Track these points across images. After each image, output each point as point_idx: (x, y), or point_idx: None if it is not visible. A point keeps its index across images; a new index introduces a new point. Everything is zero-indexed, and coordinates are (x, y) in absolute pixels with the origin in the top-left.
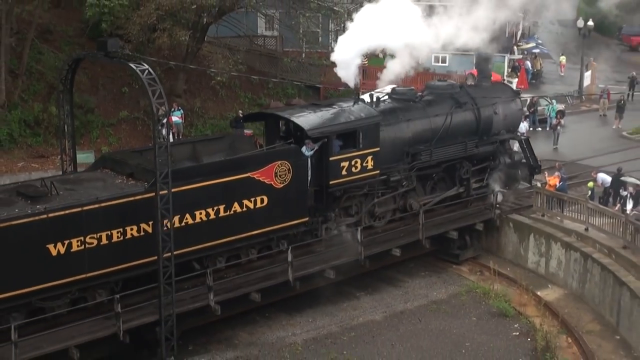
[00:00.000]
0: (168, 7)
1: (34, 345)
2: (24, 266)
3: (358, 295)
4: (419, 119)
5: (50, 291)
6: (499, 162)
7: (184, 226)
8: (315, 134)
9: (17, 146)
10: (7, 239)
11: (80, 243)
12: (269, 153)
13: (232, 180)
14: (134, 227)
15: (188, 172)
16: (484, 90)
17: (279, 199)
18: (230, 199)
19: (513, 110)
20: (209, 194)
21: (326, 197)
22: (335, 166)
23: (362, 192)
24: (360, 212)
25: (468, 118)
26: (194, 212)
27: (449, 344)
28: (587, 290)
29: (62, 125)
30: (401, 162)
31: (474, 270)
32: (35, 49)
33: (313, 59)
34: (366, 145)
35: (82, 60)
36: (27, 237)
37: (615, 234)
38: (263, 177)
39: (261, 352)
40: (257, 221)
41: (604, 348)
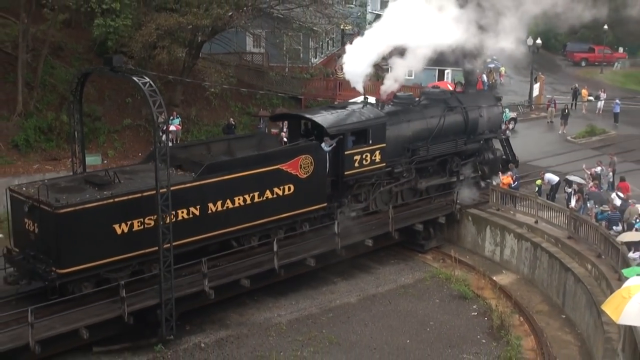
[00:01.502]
0: (167, 27)
1: (48, 327)
2: (94, 243)
3: (335, 280)
4: (417, 120)
5: (116, 264)
6: (484, 157)
7: (225, 210)
8: (333, 131)
9: (32, 150)
10: (81, 219)
11: (140, 223)
12: (295, 148)
13: (264, 171)
14: (184, 210)
15: (229, 164)
16: (471, 97)
17: (303, 187)
18: (263, 187)
19: (495, 113)
20: (246, 182)
21: (341, 185)
22: (349, 159)
23: (370, 182)
24: (369, 199)
25: (458, 120)
26: (234, 197)
27: (416, 323)
28: (537, 275)
29: (72, 132)
30: (403, 157)
31: (437, 258)
32: (49, 64)
33: (295, 73)
34: (375, 141)
35: (90, 74)
36: (96, 218)
37: (561, 226)
38: (290, 168)
39: (250, 331)
40: (284, 206)
41: (552, 326)
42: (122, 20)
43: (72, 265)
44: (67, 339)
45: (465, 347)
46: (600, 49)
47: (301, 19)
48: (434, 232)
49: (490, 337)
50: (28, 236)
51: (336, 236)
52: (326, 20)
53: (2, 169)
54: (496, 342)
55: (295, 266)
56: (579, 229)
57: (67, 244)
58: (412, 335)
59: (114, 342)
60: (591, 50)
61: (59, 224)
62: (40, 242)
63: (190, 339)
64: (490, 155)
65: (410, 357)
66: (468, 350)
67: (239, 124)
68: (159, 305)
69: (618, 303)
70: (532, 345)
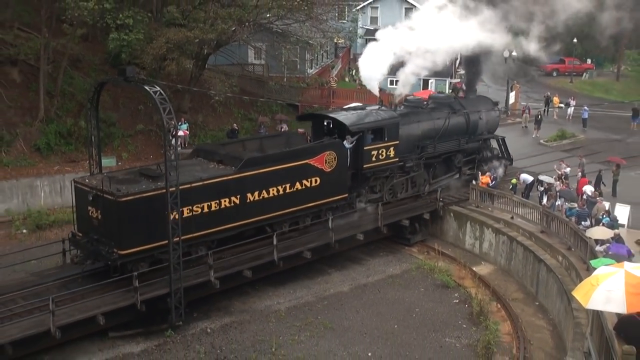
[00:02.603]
0: (175, 41)
1: (68, 314)
2: (150, 228)
3: (329, 271)
4: (425, 121)
5: (168, 247)
6: (483, 155)
7: (261, 199)
8: (354, 128)
9: (53, 153)
10: (138, 208)
11: (189, 211)
12: (321, 145)
13: (295, 165)
14: (227, 199)
15: (265, 159)
16: (472, 101)
17: (327, 180)
18: (293, 180)
19: (493, 116)
20: (279, 175)
21: (360, 177)
22: (368, 154)
23: (385, 175)
24: (383, 190)
25: (460, 121)
26: (269, 188)
27: (402, 310)
28: (513, 266)
29: (90, 136)
30: (413, 153)
31: (422, 251)
32: (68, 74)
33: (293, 83)
34: (390, 138)
35: (106, 83)
36: (152, 207)
37: (534, 221)
38: (317, 163)
39: (252, 317)
40: (311, 196)
41: (526, 312)
42: (135, 35)
43: (131, 247)
44: (85, 325)
45: (447, 331)
46: (570, 61)
47: (298, 34)
48: (419, 227)
49: (471, 322)
50: (91, 222)
51: (330, 231)
52: (321, 34)
53: (25, 170)
54: (476, 327)
55: (293, 258)
56: (551, 224)
57: (127, 228)
58: (400, 321)
59: (128, 328)
60: (562, 62)
61: (121, 211)
62: (103, 226)
63: (197, 325)
64: (488, 153)
65: (398, 340)
66: (450, 334)
67: (242, 129)
68: (169, 294)
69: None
70: (508, 330)
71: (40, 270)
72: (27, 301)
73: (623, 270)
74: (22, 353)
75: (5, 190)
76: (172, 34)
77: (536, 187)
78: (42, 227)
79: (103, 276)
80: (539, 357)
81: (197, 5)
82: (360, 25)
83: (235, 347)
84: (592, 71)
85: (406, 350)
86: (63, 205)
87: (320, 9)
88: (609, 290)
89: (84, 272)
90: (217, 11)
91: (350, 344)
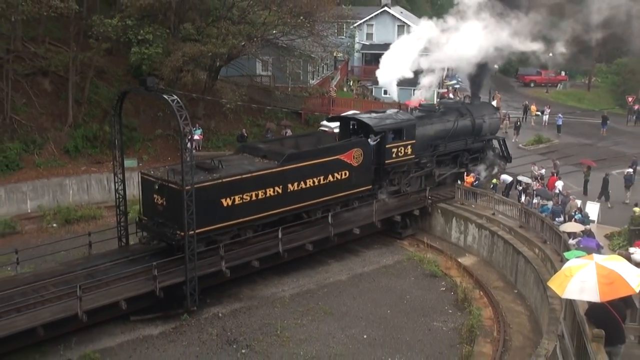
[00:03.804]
0: (191, 55)
1: (94, 300)
2: (207, 213)
3: (329, 262)
4: (438, 123)
5: (222, 229)
6: (486, 154)
7: (300, 189)
8: (377, 128)
9: (80, 155)
10: (197, 195)
11: (239, 199)
12: (350, 142)
13: (328, 160)
14: (270, 189)
15: (304, 155)
16: (476, 107)
17: (355, 173)
18: (326, 172)
19: (494, 120)
20: (315, 168)
21: (382, 172)
22: (389, 151)
23: (403, 170)
24: (401, 183)
25: (467, 124)
26: (306, 180)
27: (395, 297)
28: (494, 258)
29: (113, 140)
30: (427, 151)
31: (413, 243)
32: (94, 84)
33: (296, 92)
34: (407, 138)
35: (128, 92)
36: (208, 194)
37: (513, 217)
38: (346, 158)
39: (259, 303)
40: (341, 187)
41: (506, 299)
42: (155, 49)
43: (192, 229)
44: (109, 310)
45: (435, 316)
46: (546, 73)
47: (301, 48)
48: (410, 223)
49: (456, 308)
50: (156, 208)
51: (330, 226)
52: (322, 48)
53: (55, 170)
54: (460, 312)
55: (297, 250)
56: (529, 219)
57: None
58: (392, 307)
59: (147, 313)
60: (539, 74)
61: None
62: (167, 212)
63: (210, 310)
64: (491, 152)
65: (391, 324)
66: (438, 318)
67: (250, 134)
68: (185, 282)
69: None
70: (490, 315)
71: (68, 260)
72: (57, 288)
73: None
74: (52, 335)
75: (37, 188)
76: (187, 48)
77: (515, 186)
78: (70, 221)
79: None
80: (517, 340)
81: (210, 22)
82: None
83: (244, 330)
84: (566, 82)
85: (398, 333)
86: (89, 202)
87: (321, 26)
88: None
89: (150, 250)
90: (228, 28)
91: (347, 327)
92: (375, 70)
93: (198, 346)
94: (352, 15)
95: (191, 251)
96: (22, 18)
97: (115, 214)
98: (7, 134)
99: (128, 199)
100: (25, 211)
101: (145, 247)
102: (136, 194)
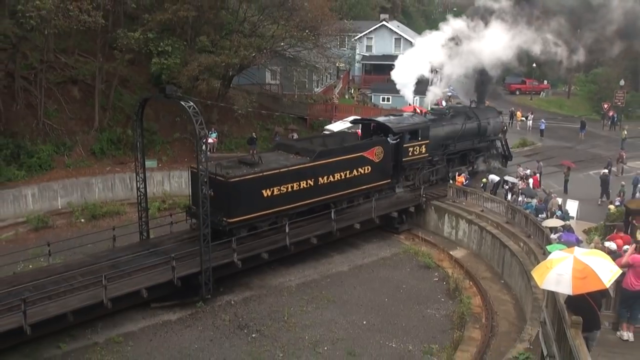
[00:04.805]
0: (206, 65)
1: (118, 288)
2: (250, 202)
3: (332, 254)
4: (448, 125)
5: (262, 217)
6: (490, 153)
7: (328, 182)
8: (397, 130)
9: (105, 156)
10: (241, 187)
11: (277, 190)
12: (372, 141)
13: (353, 157)
14: (304, 182)
15: (333, 152)
16: (482, 111)
17: (376, 168)
18: (351, 167)
19: (497, 122)
20: (342, 164)
21: (399, 168)
22: (406, 150)
23: (417, 167)
24: (415, 178)
25: (474, 126)
26: (334, 174)
27: (392, 286)
28: (483, 251)
29: (135, 142)
30: (439, 150)
31: (408, 238)
32: (118, 92)
33: (302, 99)
34: (422, 138)
35: (149, 99)
36: (251, 186)
37: (500, 213)
38: (369, 155)
39: (268, 292)
40: (364, 181)
41: (493, 288)
42: (173, 60)
43: (237, 216)
44: (131, 298)
45: (429, 304)
46: (530, 82)
47: (307, 59)
48: (406, 218)
49: (448, 296)
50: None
51: (333, 221)
52: (325, 59)
53: (83, 170)
54: (452, 300)
55: (302, 243)
56: (514, 216)
57: (234, 203)
58: (389, 295)
59: (166, 300)
60: (523, 83)
61: (230, 189)
62: (215, 201)
63: (223, 298)
64: (494, 151)
65: (388, 311)
66: (431, 306)
67: (260, 137)
68: (200, 272)
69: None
70: (478, 303)
71: (94, 252)
72: (84, 277)
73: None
74: (80, 320)
75: (67, 186)
76: (203, 59)
77: (502, 185)
78: (96, 216)
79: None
80: (504, 326)
81: (223, 35)
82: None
83: (254, 316)
84: (548, 90)
85: (395, 319)
86: (113, 199)
87: (324, 39)
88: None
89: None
90: (240, 40)
91: (348, 314)
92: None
93: (212, 331)
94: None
95: (205, 244)
96: (54, 32)
97: (137, 210)
98: (41, 137)
99: (148, 197)
100: (56, 208)
101: (164, 240)
102: (156, 192)
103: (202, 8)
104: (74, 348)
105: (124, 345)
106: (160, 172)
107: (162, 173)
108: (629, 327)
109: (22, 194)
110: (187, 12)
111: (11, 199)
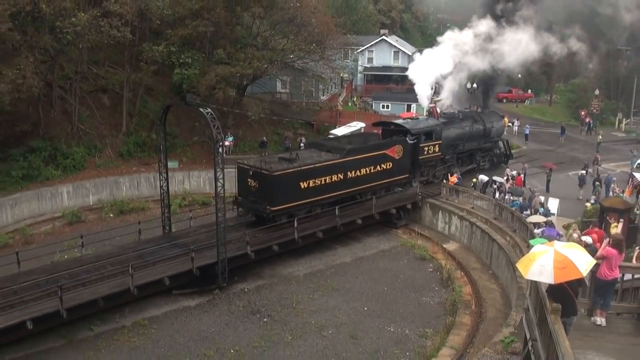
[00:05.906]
0: (222, 75)
1: (143, 277)
2: (289, 193)
3: (336, 247)
4: (457, 127)
5: (299, 206)
6: (494, 152)
7: (356, 177)
8: (414, 131)
9: (132, 157)
10: (283, 180)
11: (312, 182)
12: (393, 140)
13: (377, 154)
14: (334, 175)
15: (360, 149)
16: (487, 115)
17: (396, 164)
18: (375, 163)
19: (500, 125)
20: (367, 160)
21: (416, 165)
22: (422, 149)
23: (431, 164)
24: (429, 174)
25: (480, 128)
26: (361, 169)
27: (390, 276)
28: (473, 244)
29: (159, 145)
30: (450, 150)
31: (406, 232)
32: (143, 99)
33: (309, 106)
34: (436, 139)
35: (171, 106)
36: (291, 179)
37: (489, 210)
38: (391, 152)
39: (278, 280)
40: (386, 175)
41: (482, 278)
42: (193, 70)
43: (278, 205)
44: (155, 285)
45: (424, 292)
46: (516, 91)
47: (314, 70)
48: (403, 215)
49: (441, 285)
50: (250, 189)
51: (337, 217)
52: (330, 70)
53: (112, 170)
54: (445, 289)
55: (309, 237)
56: (502, 212)
57: (276, 193)
58: (388, 284)
59: (186, 288)
60: (510, 92)
61: (273, 181)
62: (259, 192)
63: (237, 286)
64: (497, 151)
65: (387, 298)
66: (426, 294)
67: (271, 141)
68: (217, 263)
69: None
70: (469, 291)
71: (122, 244)
72: (113, 267)
73: (553, 249)
74: (109, 305)
75: (97, 185)
76: (220, 70)
77: (490, 185)
78: (124, 212)
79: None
80: (491, 312)
81: (238, 48)
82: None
83: (266, 303)
84: (532, 99)
85: (393, 306)
86: (139, 196)
87: (330, 51)
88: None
89: (246, 222)
90: (253, 53)
91: (351, 301)
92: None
93: (227, 315)
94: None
95: (222, 236)
96: (87, 45)
97: (160, 206)
98: (74, 140)
99: (170, 194)
100: (88, 204)
101: (184, 233)
102: (177, 190)
103: (219, 24)
104: (104, 330)
105: (149, 328)
106: (181, 172)
107: (182, 173)
108: (602, 313)
109: (59, 192)
110: (206, 28)
111: (49, 196)
